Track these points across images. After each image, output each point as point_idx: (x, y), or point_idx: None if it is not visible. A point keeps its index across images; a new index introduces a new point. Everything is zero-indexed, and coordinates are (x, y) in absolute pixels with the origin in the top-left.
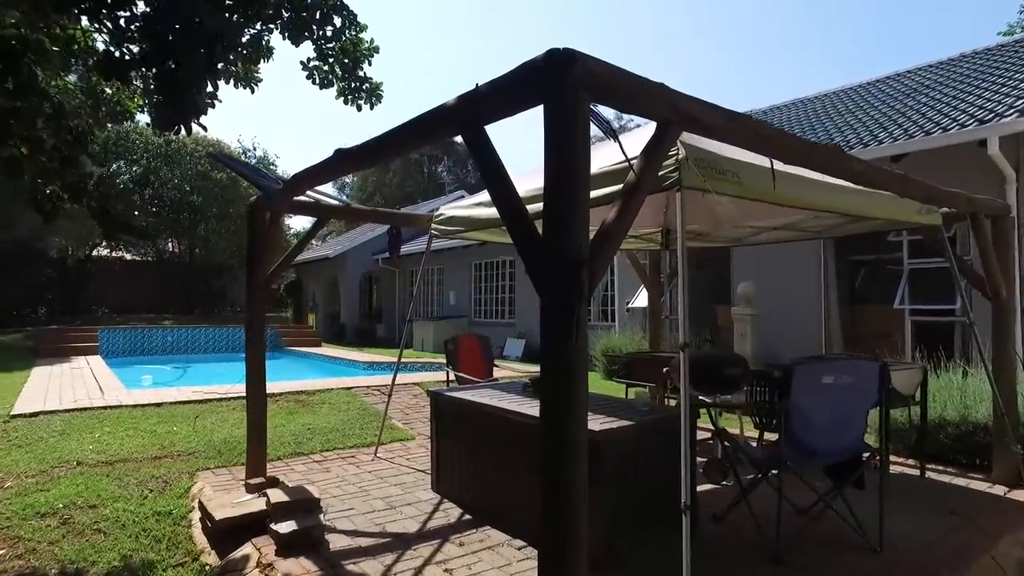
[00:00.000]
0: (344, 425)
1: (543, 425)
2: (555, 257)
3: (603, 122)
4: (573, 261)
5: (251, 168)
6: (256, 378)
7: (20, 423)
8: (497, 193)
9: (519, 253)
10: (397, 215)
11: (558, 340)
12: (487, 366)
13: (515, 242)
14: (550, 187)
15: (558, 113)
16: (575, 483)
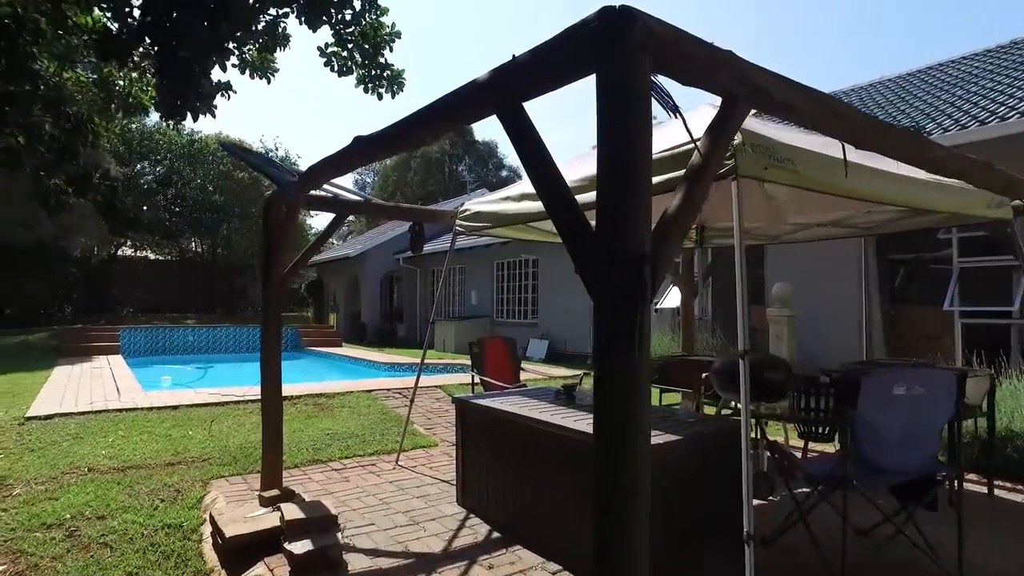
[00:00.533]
0: (364, 430)
1: (599, 445)
2: (612, 253)
3: (665, 96)
4: (634, 257)
5: (264, 159)
6: (272, 383)
7: (35, 426)
8: (541, 180)
9: (568, 249)
10: (419, 211)
11: (617, 348)
12: (514, 369)
13: (563, 236)
14: (606, 171)
15: (615, 84)
16: (635, 513)
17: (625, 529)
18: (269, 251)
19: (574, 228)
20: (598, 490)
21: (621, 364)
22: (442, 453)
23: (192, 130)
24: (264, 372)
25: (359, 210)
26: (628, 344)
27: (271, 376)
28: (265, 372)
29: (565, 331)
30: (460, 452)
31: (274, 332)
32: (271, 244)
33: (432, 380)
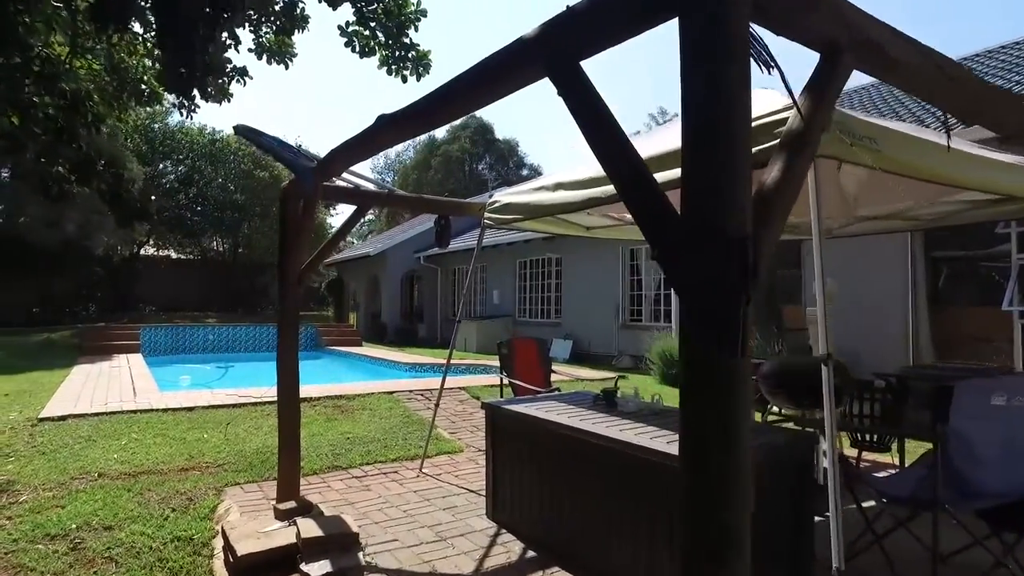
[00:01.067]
0: (386, 434)
1: (691, 470)
2: (703, 235)
3: (761, 47)
4: (735, 239)
5: (279, 142)
6: (288, 385)
7: (48, 427)
8: (607, 152)
9: (646, 233)
10: (445, 203)
11: (714, 349)
12: (544, 372)
13: (639, 218)
14: (697, 140)
15: (707, 31)
16: (741, 557)
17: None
18: (285, 246)
19: (652, 207)
20: (691, 526)
21: (721, 369)
22: (468, 460)
23: (213, 129)
24: (281, 373)
25: (382, 202)
26: (729, 344)
27: (288, 378)
28: (282, 373)
29: (589, 331)
30: (491, 462)
31: (291, 331)
32: (287, 239)
33: (456, 381)
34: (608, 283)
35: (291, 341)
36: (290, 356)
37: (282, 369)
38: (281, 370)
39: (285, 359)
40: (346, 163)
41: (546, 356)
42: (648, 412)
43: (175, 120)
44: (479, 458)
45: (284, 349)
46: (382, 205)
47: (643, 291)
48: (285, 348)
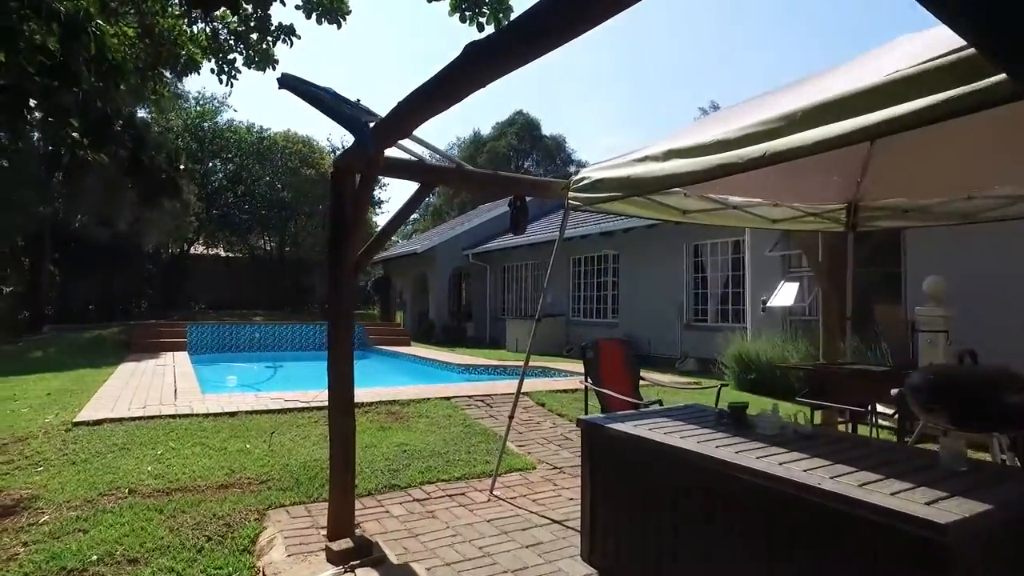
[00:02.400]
0: (447, 447)
1: None
2: None
3: None
4: None
5: (334, 94)
6: (342, 396)
7: (82, 432)
8: None
9: None
10: (523, 182)
11: None
12: (632, 378)
13: None
14: None
15: None
16: None
17: None
18: (339, 229)
19: None
20: None
21: None
22: (543, 479)
23: (261, 127)
24: (332, 380)
25: (450, 179)
26: None
27: (340, 385)
28: (334, 380)
29: (649, 332)
30: (588, 492)
31: (344, 330)
32: (342, 220)
33: (513, 386)
34: (670, 281)
35: (344, 342)
36: (343, 359)
37: (334, 375)
38: (333, 376)
39: (338, 364)
40: (416, 119)
41: (633, 360)
42: (795, 436)
43: (224, 118)
44: (556, 477)
45: (337, 352)
46: (450, 183)
47: (708, 289)
48: (338, 351)
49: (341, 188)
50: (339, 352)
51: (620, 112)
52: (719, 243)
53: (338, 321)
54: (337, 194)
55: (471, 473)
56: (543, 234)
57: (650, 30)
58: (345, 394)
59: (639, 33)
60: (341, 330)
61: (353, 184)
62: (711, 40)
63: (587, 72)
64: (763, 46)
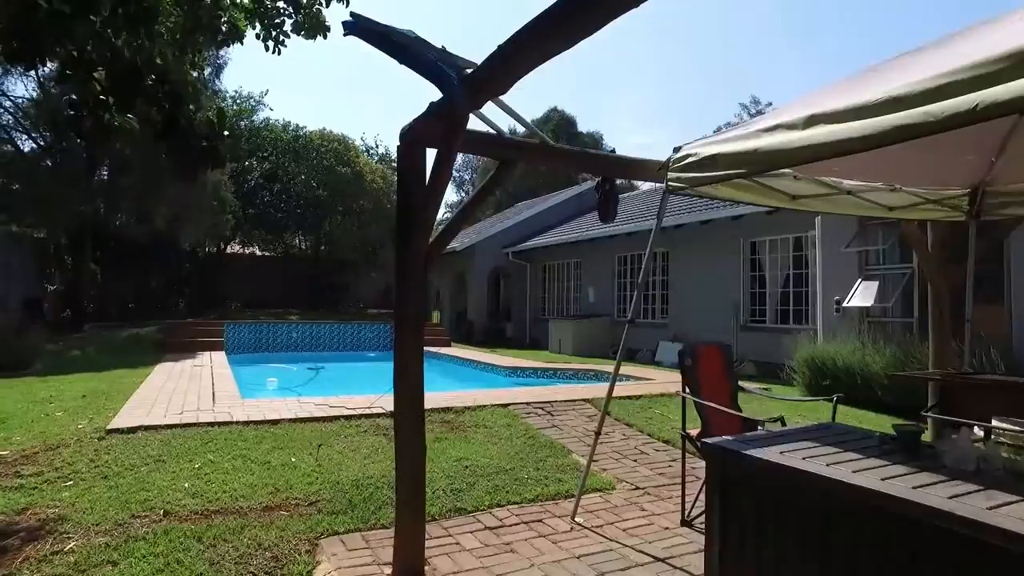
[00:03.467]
0: (512, 462)
1: None
2: None
3: None
4: None
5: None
6: (411, 411)
7: (115, 441)
8: None
9: None
10: (612, 160)
11: None
12: (732, 389)
13: None
14: None
15: None
16: None
17: None
18: (408, 215)
19: None
20: None
21: None
22: (627, 502)
23: (297, 125)
24: (400, 391)
25: (531, 156)
26: None
27: (410, 398)
28: (401, 391)
29: (701, 333)
30: (717, 537)
31: (413, 334)
32: (410, 204)
33: (572, 391)
34: (724, 280)
35: (414, 348)
36: (412, 369)
37: (403, 387)
38: (401, 388)
39: (407, 374)
40: (521, 66)
41: (732, 367)
42: (1005, 472)
43: (261, 116)
44: (641, 500)
45: (404, 359)
46: (533, 161)
47: (767, 288)
48: (406, 358)
49: (410, 164)
50: (407, 360)
51: (653, 109)
52: (778, 240)
53: (405, 323)
54: (406, 171)
55: (545, 494)
56: (587, 231)
57: (686, 25)
58: (415, 407)
59: (675, 28)
60: (410, 334)
61: (423, 158)
62: (749, 36)
63: (621, 68)
64: (802, 44)
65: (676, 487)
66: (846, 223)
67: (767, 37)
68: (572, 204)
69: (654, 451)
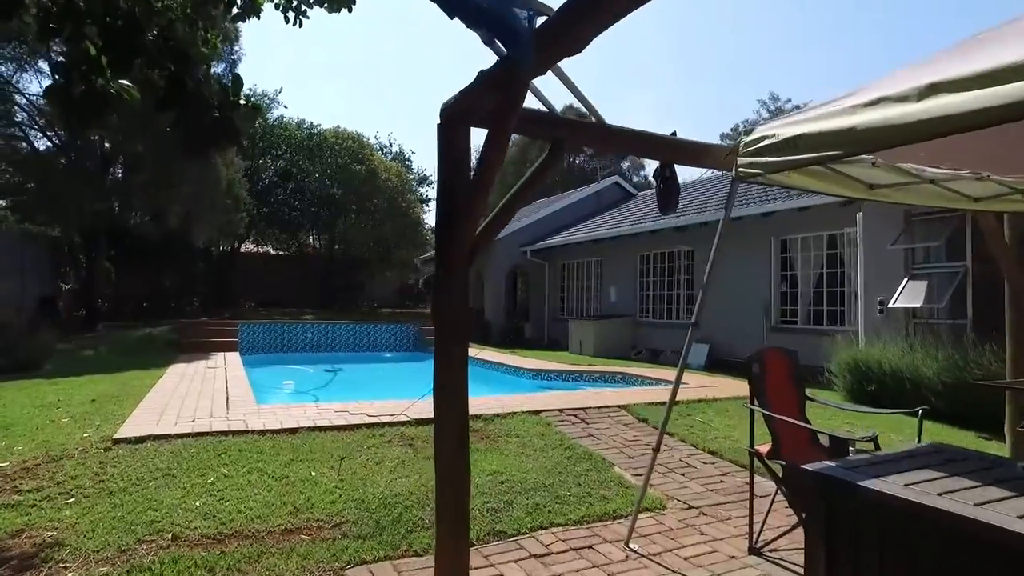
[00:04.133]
0: (551, 477)
1: None
2: None
3: None
4: None
5: None
6: (454, 425)
7: (123, 452)
8: None
9: None
10: (674, 144)
11: None
12: (800, 399)
13: None
14: None
15: None
16: None
17: None
18: (452, 201)
19: None
20: None
21: None
22: (683, 524)
23: (311, 123)
24: (441, 402)
25: (586, 136)
26: None
27: (453, 411)
28: (442, 403)
29: (729, 334)
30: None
31: (455, 339)
32: (454, 190)
33: (605, 397)
34: (754, 279)
35: (457, 355)
36: (455, 378)
37: (444, 397)
38: (442, 398)
39: (449, 384)
40: (607, 13)
41: (798, 375)
42: None
43: (275, 115)
44: (697, 521)
45: (447, 367)
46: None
47: (799, 288)
48: (448, 366)
49: (451, 146)
50: (450, 368)
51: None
52: (811, 237)
53: (447, 331)
54: (448, 152)
55: (591, 515)
56: (608, 229)
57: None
58: (458, 421)
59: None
60: (451, 338)
61: (467, 139)
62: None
63: (636, 66)
64: (821, 41)
65: (733, 506)
66: (890, 219)
67: (782, 33)
68: (590, 202)
69: (701, 464)
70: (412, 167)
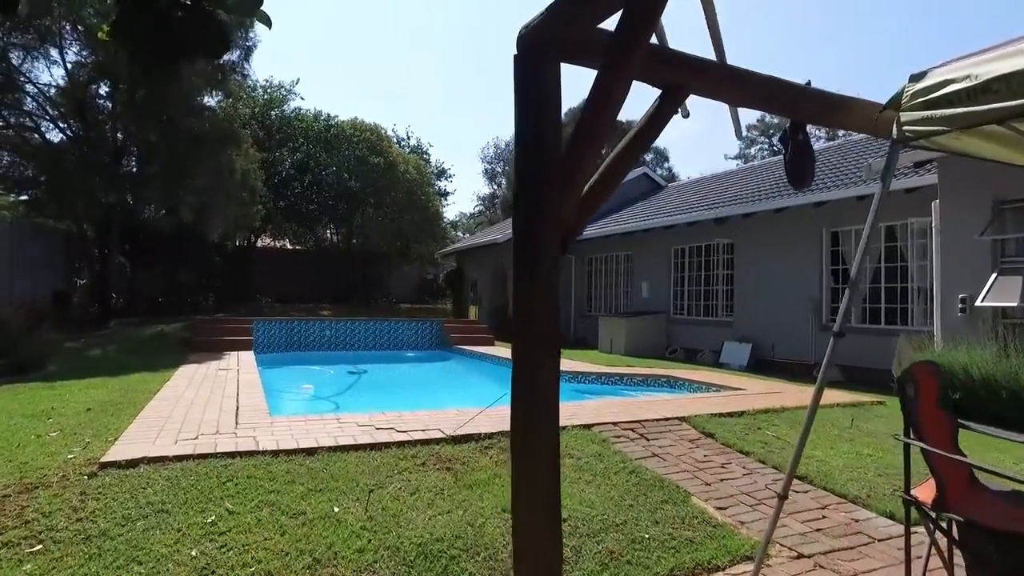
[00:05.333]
0: (621, 511)
1: None
2: None
3: None
4: None
5: None
6: (544, 435)
7: (110, 480)
8: None
9: None
10: (811, 96)
11: None
12: (951, 429)
13: None
14: None
15: None
16: None
17: None
18: (537, 162)
19: None
20: None
21: None
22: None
23: (328, 115)
24: (520, 407)
25: (705, 80)
26: None
27: (539, 419)
28: (522, 407)
29: (773, 333)
30: None
31: (546, 346)
32: (543, 145)
33: (656, 406)
34: (801, 275)
35: (550, 371)
36: (545, 400)
37: (529, 409)
38: (526, 426)
39: (535, 403)
40: None
41: (948, 396)
42: None
43: (292, 106)
44: (801, 568)
45: (534, 385)
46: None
47: None
48: (536, 382)
49: (537, 83)
50: (536, 389)
51: None
52: None
53: (535, 338)
54: (531, 93)
55: (681, 567)
56: (639, 221)
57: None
58: (547, 420)
59: None
60: (538, 344)
61: (557, 75)
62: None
63: None
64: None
65: (852, 554)
66: (973, 207)
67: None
68: (618, 194)
69: (792, 493)
70: (430, 160)
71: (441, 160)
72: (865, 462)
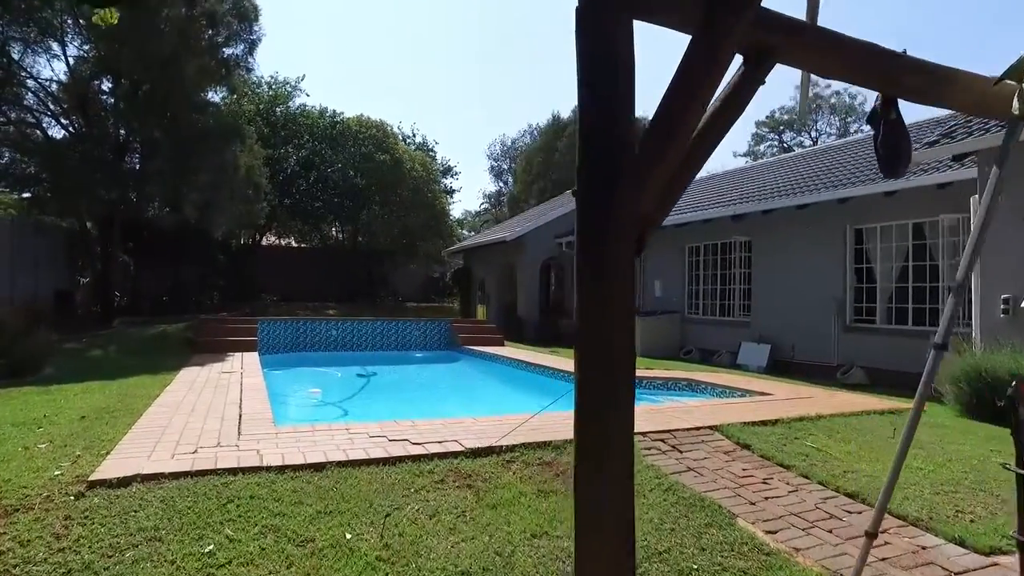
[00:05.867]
0: (664, 538)
1: None
2: None
3: None
4: None
5: None
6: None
7: (98, 501)
8: None
9: None
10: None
11: None
12: None
13: None
14: None
15: None
16: None
17: None
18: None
19: None
20: None
21: None
22: None
23: (334, 111)
24: (585, 417)
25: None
26: None
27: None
28: (591, 418)
29: (793, 333)
30: None
31: (619, 367)
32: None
33: (685, 413)
34: (823, 273)
35: (625, 392)
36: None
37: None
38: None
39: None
40: None
41: None
42: None
43: (297, 103)
44: None
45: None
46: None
47: (876, 283)
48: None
49: (607, 46)
50: (616, 414)
51: None
52: (893, 226)
53: (606, 354)
54: (597, 57)
55: None
56: None
57: None
58: (621, 435)
59: None
60: (609, 357)
61: (630, 35)
62: None
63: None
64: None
65: None
66: (1014, 202)
67: None
68: None
69: (844, 512)
70: (436, 157)
71: (447, 157)
72: (917, 476)
